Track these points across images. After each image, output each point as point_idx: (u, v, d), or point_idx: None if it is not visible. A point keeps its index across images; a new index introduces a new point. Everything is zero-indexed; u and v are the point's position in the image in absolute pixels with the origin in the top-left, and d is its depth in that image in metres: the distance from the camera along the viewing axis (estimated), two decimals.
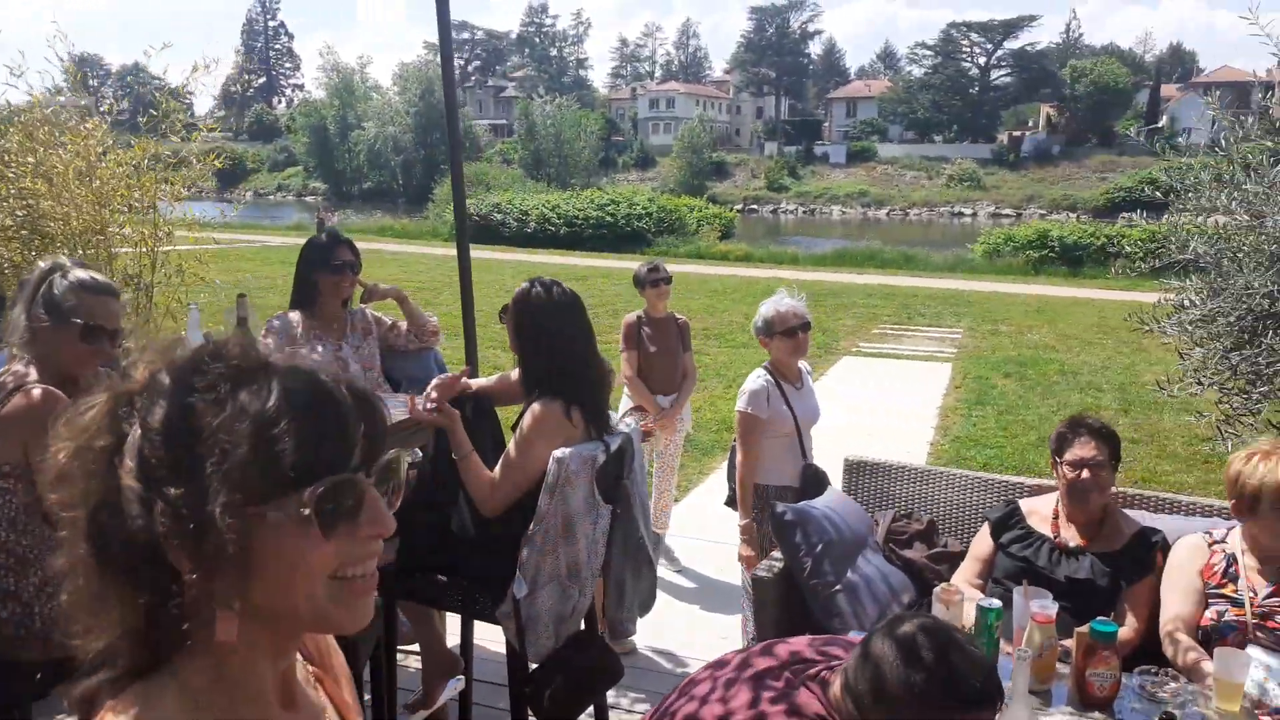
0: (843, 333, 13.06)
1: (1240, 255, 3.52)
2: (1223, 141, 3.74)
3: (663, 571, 5.03)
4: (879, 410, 8.79)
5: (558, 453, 2.43)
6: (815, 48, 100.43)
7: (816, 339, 12.53)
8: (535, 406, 2.58)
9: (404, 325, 3.78)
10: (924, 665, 1.49)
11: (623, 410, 4.98)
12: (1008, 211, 52.71)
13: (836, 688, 1.63)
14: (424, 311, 3.82)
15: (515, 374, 2.84)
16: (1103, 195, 48.05)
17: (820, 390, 9.58)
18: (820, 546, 2.99)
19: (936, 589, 2.43)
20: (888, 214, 56.98)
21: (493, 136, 73.81)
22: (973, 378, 10.10)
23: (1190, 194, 3.74)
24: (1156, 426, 7.95)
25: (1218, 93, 4.13)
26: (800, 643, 1.79)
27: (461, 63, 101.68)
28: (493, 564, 2.53)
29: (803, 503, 3.18)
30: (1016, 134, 66.50)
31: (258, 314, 3.80)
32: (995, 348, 11.82)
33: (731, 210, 40.05)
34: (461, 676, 3.06)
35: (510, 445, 2.59)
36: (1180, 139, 3.79)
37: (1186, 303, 3.65)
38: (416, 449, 2.92)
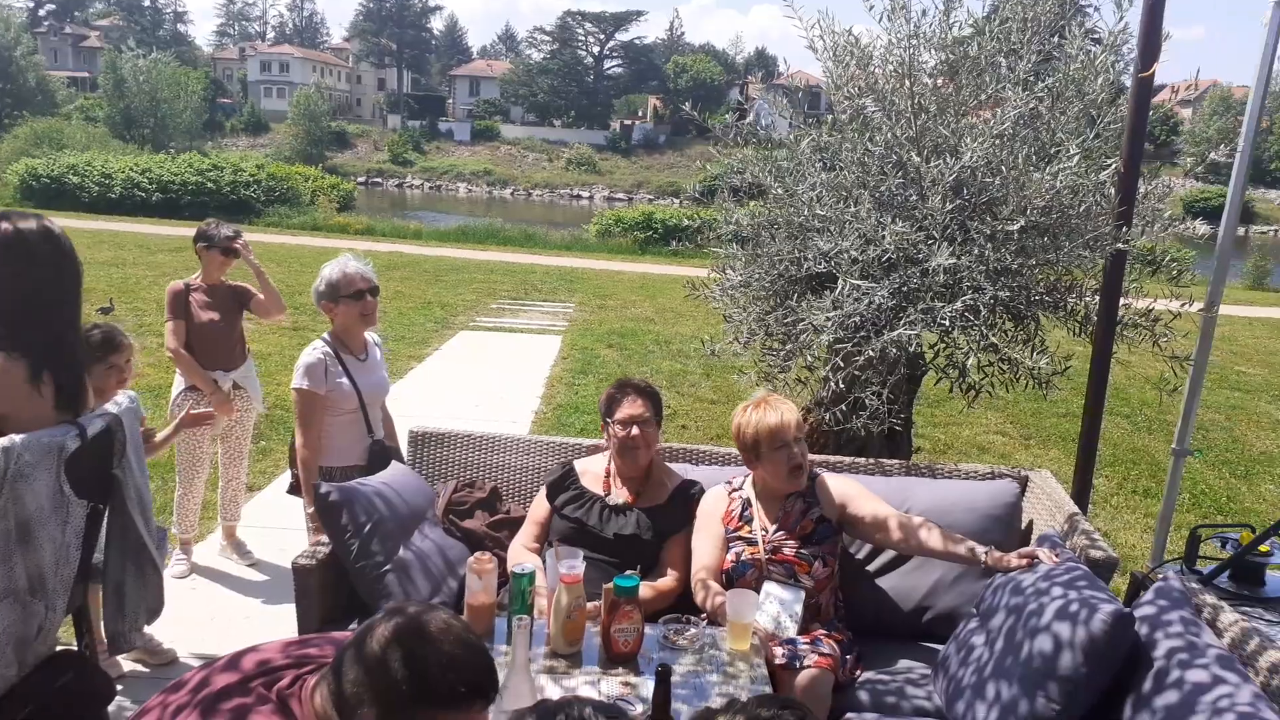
0: (461, 307, 12.97)
1: (775, 226, 3.82)
2: (762, 127, 4.06)
3: (232, 567, 4.57)
4: (492, 382, 8.80)
5: (4, 441, 1.96)
6: (437, 23, 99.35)
7: (435, 314, 12.37)
8: None
9: None
10: (393, 673, 1.35)
11: (176, 391, 4.41)
12: (621, 195, 55.94)
13: (319, 699, 1.44)
14: None
15: None
16: (701, 182, 52.49)
17: (436, 364, 9.60)
18: (369, 526, 2.78)
19: (470, 560, 2.33)
20: (512, 193, 58.03)
21: (73, 90, 64.25)
22: (579, 349, 10.44)
23: (735, 173, 4.01)
24: (734, 388, 8.68)
25: (761, 87, 4.46)
26: (272, 649, 1.57)
27: (32, 4, 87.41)
28: None
29: (352, 481, 2.95)
30: (628, 122, 70.51)
31: None
32: (602, 321, 12.35)
33: (352, 182, 38.42)
34: None
35: None
36: (763, 132, 4.03)
37: (728, 270, 3.90)
38: None
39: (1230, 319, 14.49)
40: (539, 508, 3.05)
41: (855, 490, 2.91)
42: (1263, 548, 4.09)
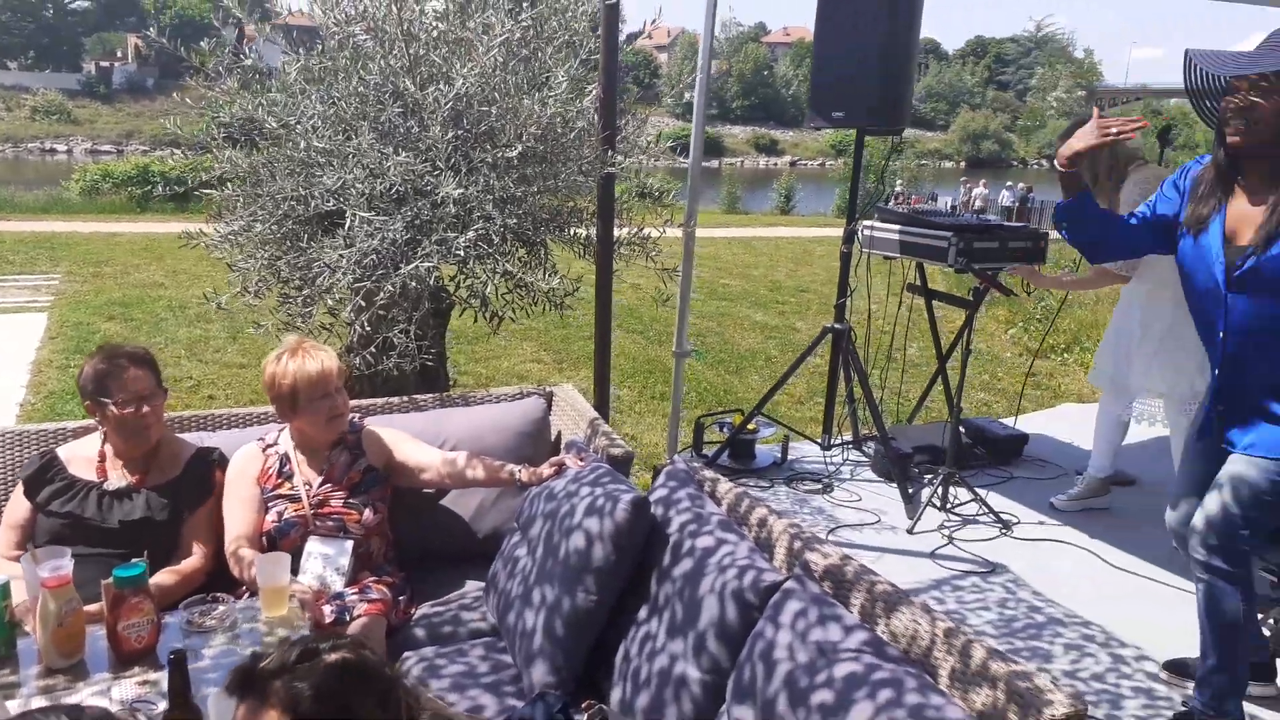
0: None
1: (275, 164, 3.54)
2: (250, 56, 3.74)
3: None
4: None
5: None
6: None
7: None
8: None
9: None
10: None
11: None
12: (108, 147, 49.11)
13: None
14: None
15: None
16: (204, 130, 47.89)
17: None
18: None
19: None
20: None
21: None
22: (72, 325, 9.06)
23: (224, 108, 3.66)
24: (264, 348, 8.11)
25: (251, 21, 4.10)
26: None
27: None
28: None
29: None
30: (105, 64, 61.80)
31: None
32: (99, 291, 10.83)
33: None
34: None
35: None
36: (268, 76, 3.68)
37: (226, 213, 3.57)
38: None
39: (713, 240, 16.68)
40: (16, 509, 2.56)
41: (400, 437, 2.86)
42: (750, 426, 4.79)
